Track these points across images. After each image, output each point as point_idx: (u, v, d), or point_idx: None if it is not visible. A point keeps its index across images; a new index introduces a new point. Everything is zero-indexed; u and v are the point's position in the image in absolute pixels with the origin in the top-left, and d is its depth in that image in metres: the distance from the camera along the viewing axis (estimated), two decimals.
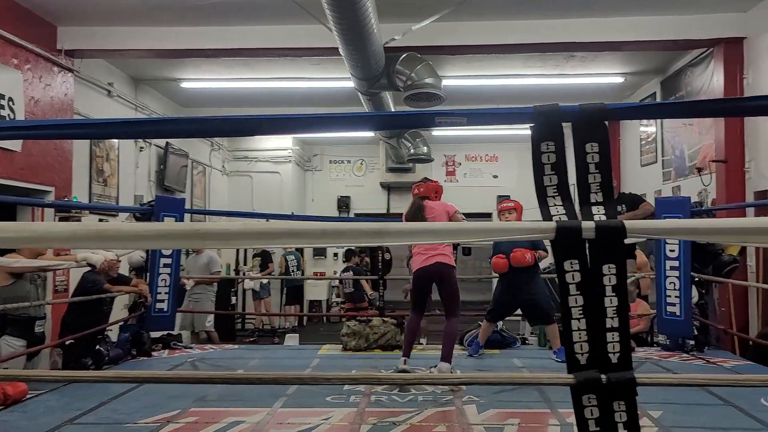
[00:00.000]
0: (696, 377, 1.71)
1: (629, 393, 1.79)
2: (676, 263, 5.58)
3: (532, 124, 1.95)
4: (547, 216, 1.90)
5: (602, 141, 1.90)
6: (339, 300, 12.46)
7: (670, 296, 5.62)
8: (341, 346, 6.17)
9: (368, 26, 5.82)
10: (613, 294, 1.79)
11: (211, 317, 8.10)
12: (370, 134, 12.59)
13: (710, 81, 7.82)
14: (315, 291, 13.88)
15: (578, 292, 1.81)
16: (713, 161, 7.61)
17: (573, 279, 1.81)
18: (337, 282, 12.77)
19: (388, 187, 14.59)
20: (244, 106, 10.83)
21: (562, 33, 7.51)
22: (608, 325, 1.81)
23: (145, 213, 5.94)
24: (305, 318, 13.48)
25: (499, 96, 10.04)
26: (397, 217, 14.13)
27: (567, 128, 1.97)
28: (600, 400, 1.80)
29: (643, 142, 10.31)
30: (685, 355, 5.63)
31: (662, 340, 6.10)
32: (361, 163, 14.72)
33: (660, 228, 1.93)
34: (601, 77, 9.55)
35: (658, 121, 9.52)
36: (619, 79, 9.71)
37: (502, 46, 7.72)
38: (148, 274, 5.90)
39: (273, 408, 3.88)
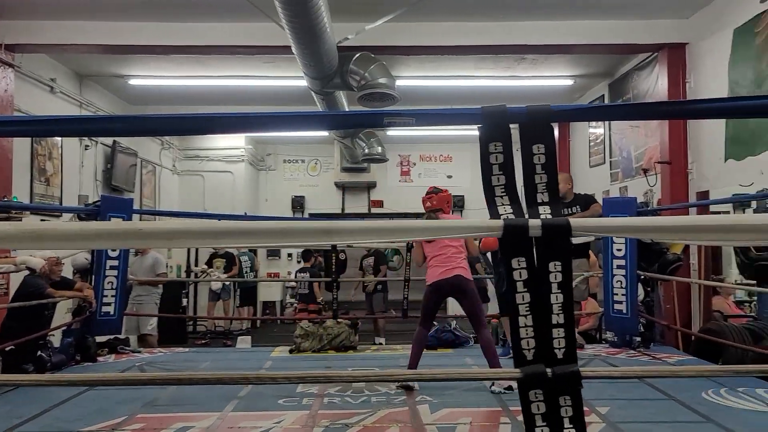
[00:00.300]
0: (635, 370, 1.75)
1: (574, 387, 1.82)
2: (622, 262, 5.74)
3: (480, 125, 1.97)
4: (495, 215, 1.91)
5: (548, 142, 1.92)
6: (293, 301, 12.38)
7: (617, 294, 5.77)
8: (295, 347, 6.11)
9: (321, 25, 5.79)
10: (559, 291, 1.82)
11: (153, 320, 7.85)
12: (324, 134, 12.52)
13: (655, 84, 8.07)
14: (269, 292, 13.73)
15: (525, 289, 1.83)
16: (658, 162, 7.85)
17: (520, 276, 1.83)
18: (292, 282, 12.68)
19: (343, 187, 14.55)
20: (195, 105, 10.62)
21: (514, 35, 7.63)
22: (554, 321, 1.84)
23: (90, 214, 5.74)
24: (258, 320, 13.33)
25: (454, 97, 10.13)
26: (351, 217, 14.17)
27: (517, 130, 1.99)
28: (546, 394, 1.82)
29: (592, 143, 10.56)
30: (632, 351, 5.78)
31: (610, 337, 6.24)
32: (316, 163, 14.64)
33: (602, 226, 1.98)
34: (551, 79, 9.74)
35: (606, 123, 9.78)
36: (569, 82, 9.92)
37: (455, 47, 7.79)
38: (93, 276, 5.71)
39: (224, 412, 3.81)
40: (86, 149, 9.36)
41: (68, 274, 6.24)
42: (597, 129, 10.32)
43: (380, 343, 8.38)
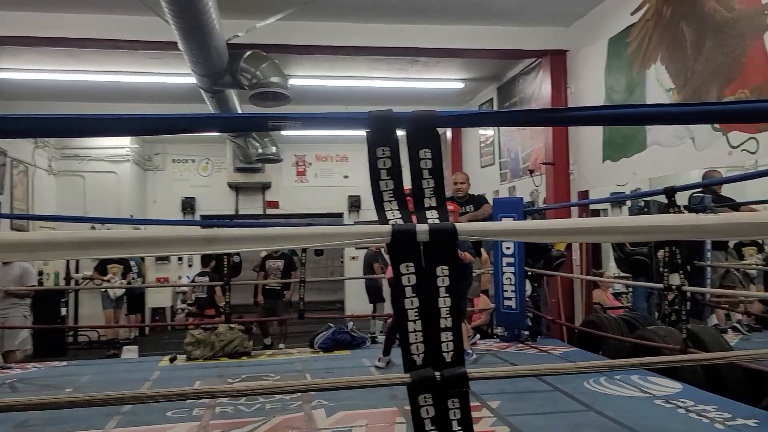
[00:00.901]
0: (518, 369, 1.79)
1: (462, 389, 1.84)
2: (511, 260, 5.97)
3: (368, 130, 1.94)
4: (383, 220, 1.89)
5: (435, 147, 1.93)
6: (185, 306, 11.89)
7: (507, 291, 6.00)
8: (185, 356, 5.86)
9: (209, 21, 5.58)
10: (446, 295, 1.83)
11: (23, 333, 7.20)
12: (215, 133, 12.13)
13: (540, 89, 8.46)
14: (158, 298, 13.11)
15: (414, 294, 1.83)
16: (543, 163, 8.24)
17: (409, 281, 1.83)
18: (182, 288, 12.18)
19: (237, 188, 14.18)
20: (73, 101, 9.94)
21: (406, 38, 7.73)
22: (442, 325, 1.85)
23: None
24: (147, 327, 12.71)
25: (349, 97, 10.11)
26: (245, 218, 13.84)
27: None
28: (435, 398, 1.83)
29: (483, 145, 10.92)
30: (521, 345, 6.01)
31: (500, 332, 6.47)
32: (207, 163, 14.15)
33: (486, 230, 2.02)
34: (443, 82, 9.97)
35: None
36: (460, 85, 10.19)
37: (348, 48, 7.79)
38: None
39: (105, 429, 3.57)
40: None
41: None
42: (487, 131, 10.68)
43: (278, 347, 8.24)
